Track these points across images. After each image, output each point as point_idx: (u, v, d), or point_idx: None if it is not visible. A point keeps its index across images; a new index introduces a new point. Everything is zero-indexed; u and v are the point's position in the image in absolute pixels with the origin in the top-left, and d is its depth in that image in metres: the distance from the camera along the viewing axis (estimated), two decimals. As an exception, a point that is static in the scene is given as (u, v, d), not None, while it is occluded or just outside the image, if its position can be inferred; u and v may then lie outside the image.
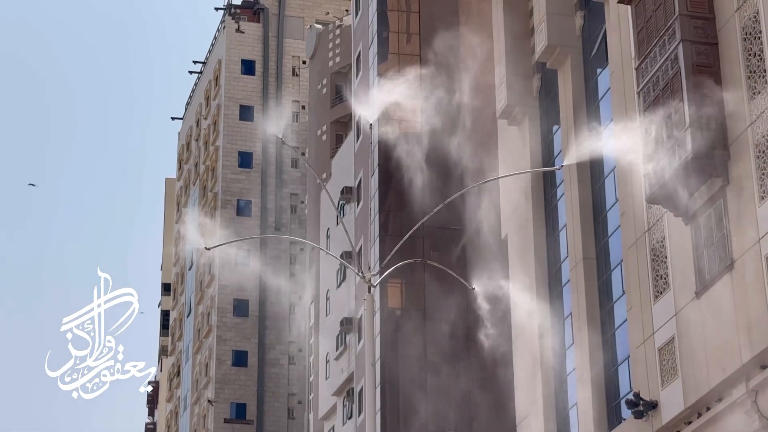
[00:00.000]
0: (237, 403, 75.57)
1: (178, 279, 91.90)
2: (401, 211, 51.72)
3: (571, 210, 39.00)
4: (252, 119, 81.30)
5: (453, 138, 51.46)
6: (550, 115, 41.87)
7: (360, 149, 56.82)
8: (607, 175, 37.91)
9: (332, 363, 57.99)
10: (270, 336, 77.14)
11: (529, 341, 40.37)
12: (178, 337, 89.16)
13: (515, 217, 42.81)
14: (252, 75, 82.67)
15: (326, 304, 60.30)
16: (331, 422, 58.23)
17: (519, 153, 42.78)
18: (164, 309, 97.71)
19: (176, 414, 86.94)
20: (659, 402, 32.46)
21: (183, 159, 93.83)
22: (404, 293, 51.25)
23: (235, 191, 79.80)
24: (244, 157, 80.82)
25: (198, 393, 79.35)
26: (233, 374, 76.20)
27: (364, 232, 53.88)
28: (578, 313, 37.87)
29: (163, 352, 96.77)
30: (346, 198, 57.34)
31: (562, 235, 40.30)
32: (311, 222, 67.76)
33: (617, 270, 36.76)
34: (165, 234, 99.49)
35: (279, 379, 76.43)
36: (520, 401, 41.28)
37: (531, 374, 40.23)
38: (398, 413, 49.47)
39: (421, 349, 50.34)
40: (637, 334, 33.99)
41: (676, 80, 31.00)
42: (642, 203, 33.63)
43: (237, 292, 77.60)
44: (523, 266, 41.43)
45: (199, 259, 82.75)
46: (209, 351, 77.85)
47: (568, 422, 38.68)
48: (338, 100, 68.18)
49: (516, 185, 42.53)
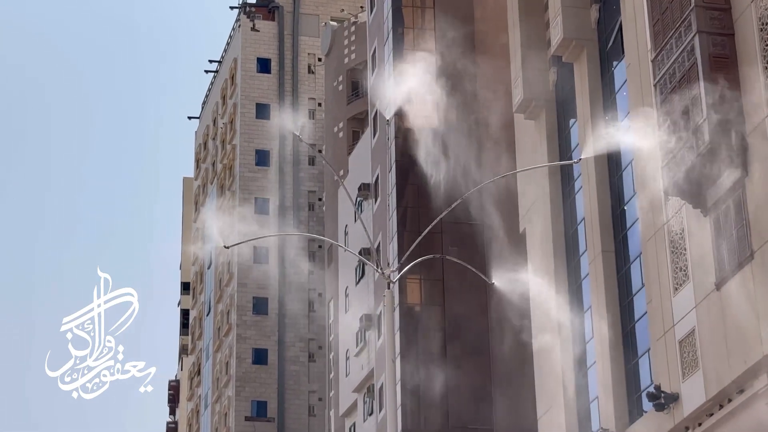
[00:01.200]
0: (258, 401, 75.69)
1: (197, 278, 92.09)
2: (419, 206, 51.72)
3: (589, 203, 38.95)
4: (268, 117, 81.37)
5: (470, 132, 51.45)
6: (567, 109, 41.82)
7: (377, 145, 56.83)
8: (624, 168, 37.85)
9: (352, 360, 58.04)
10: (289, 333, 77.22)
11: (549, 335, 40.34)
12: (198, 335, 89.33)
13: (533, 211, 42.77)
14: (268, 73, 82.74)
15: (345, 301, 60.35)
16: (352, 419, 58.29)
17: (536, 147, 42.75)
18: (184, 308, 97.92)
19: (197, 412, 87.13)
20: (680, 394, 32.41)
21: (200, 158, 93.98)
22: (423, 289, 51.26)
23: (253, 189, 79.89)
24: (261, 155, 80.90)
25: (219, 391, 79.51)
26: (253, 372, 76.32)
27: (382, 228, 53.90)
28: (598, 307, 37.83)
29: (183, 351, 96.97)
30: (363, 194, 57.36)
31: (580, 229, 40.26)
32: (329, 219, 67.81)
33: (636, 263, 36.70)
34: (183, 233, 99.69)
35: (299, 376, 76.53)
36: (541, 395, 41.26)
37: (551, 368, 40.20)
38: (419, 409, 49.50)
39: (441, 344, 50.35)
40: (657, 326, 33.94)
41: (692, 72, 30.93)
42: (660, 195, 33.57)
43: (256, 290, 77.70)
44: (542, 260, 41.39)
45: (217, 258, 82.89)
46: (229, 349, 77.99)
47: (589, 416, 38.64)
48: (354, 96, 68.21)
49: (533, 179, 42.49)
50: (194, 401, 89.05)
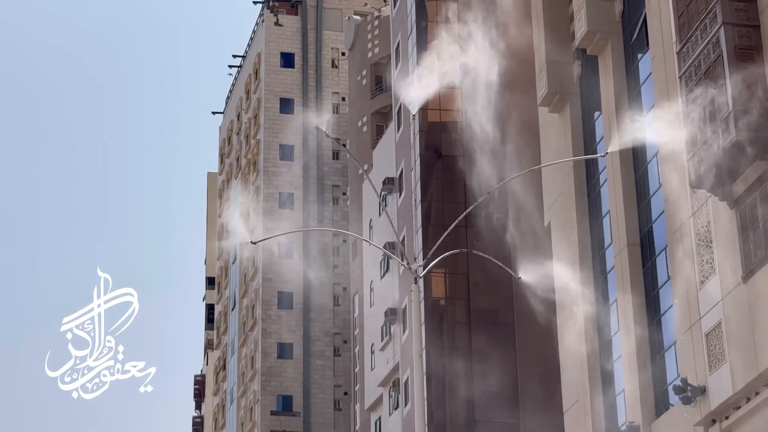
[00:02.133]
0: (283, 396, 75.82)
1: (222, 273, 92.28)
2: (443, 200, 51.72)
3: (615, 196, 38.86)
4: (292, 112, 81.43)
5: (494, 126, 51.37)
6: (592, 102, 41.72)
7: (401, 139, 56.83)
8: (650, 161, 37.74)
9: (377, 354, 58.08)
10: (314, 328, 77.31)
11: (575, 328, 40.27)
12: (224, 330, 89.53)
13: (558, 205, 42.70)
14: (291, 68, 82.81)
15: (370, 295, 60.38)
16: (378, 413, 58.34)
17: (561, 140, 42.66)
18: (209, 303, 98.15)
19: (223, 407, 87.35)
20: (707, 387, 32.32)
21: (224, 153, 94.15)
22: (448, 283, 51.26)
23: (277, 184, 79.98)
24: (285, 150, 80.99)
25: (244, 386, 79.68)
26: (279, 366, 76.44)
27: (407, 222, 53.90)
28: (623, 300, 37.75)
29: (208, 346, 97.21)
30: (388, 188, 57.37)
31: (605, 222, 40.17)
32: (353, 213, 67.85)
33: (662, 256, 36.60)
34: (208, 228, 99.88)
35: (324, 370, 76.61)
36: (567, 389, 41.21)
37: (577, 361, 40.14)
38: (444, 403, 49.51)
39: (466, 338, 50.34)
40: (684, 319, 33.85)
41: (718, 64, 30.81)
42: (686, 188, 33.47)
43: (281, 285, 77.80)
44: (567, 253, 41.31)
45: (242, 253, 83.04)
46: (254, 344, 78.15)
47: (616, 409, 38.57)
48: (378, 90, 68.23)
49: (558, 172, 42.41)
50: (220, 396, 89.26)
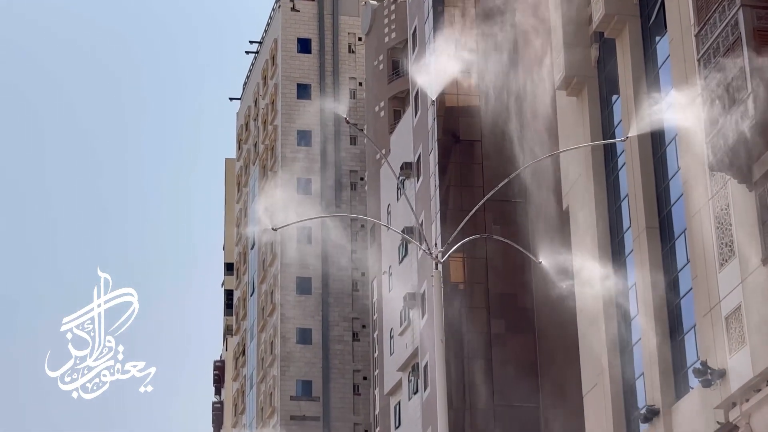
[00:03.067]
0: (303, 381, 75.98)
1: (240, 258, 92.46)
2: (461, 185, 51.70)
3: (633, 179, 38.80)
4: (309, 97, 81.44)
5: (512, 110, 51.31)
6: (609, 85, 41.63)
7: (418, 124, 56.80)
8: (668, 144, 37.66)
9: (396, 338, 58.14)
10: (333, 313, 77.44)
11: (594, 312, 40.27)
12: (242, 316, 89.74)
13: (577, 189, 42.66)
14: (308, 53, 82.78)
15: (389, 280, 60.43)
16: (397, 397, 58.43)
17: (578, 124, 42.60)
18: (227, 288, 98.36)
19: (243, 392, 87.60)
20: (727, 370, 32.30)
21: (242, 139, 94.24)
22: (466, 267, 51.26)
23: (295, 170, 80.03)
24: (302, 136, 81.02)
25: (264, 371, 79.88)
26: (298, 352, 76.60)
27: (425, 207, 53.90)
28: (643, 283, 37.72)
29: (227, 332, 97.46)
30: (405, 173, 57.36)
31: (624, 205, 40.11)
32: (371, 198, 67.87)
33: (681, 239, 36.54)
34: (226, 214, 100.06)
35: (344, 355, 76.74)
36: (587, 372, 41.22)
37: (597, 345, 40.13)
38: (464, 387, 49.57)
39: (485, 322, 50.36)
40: (703, 302, 33.81)
41: (736, 46, 30.72)
42: (705, 171, 33.40)
43: (299, 270, 77.92)
44: (586, 237, 41.29)
45: (261, 239, 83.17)
46: (274, 329, 78.31)
47: (635, 392, 38.57)
48: (395, 75, 68.16)
49: (576, 156, 42.35)
50: (239, 381, 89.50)
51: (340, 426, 74.75)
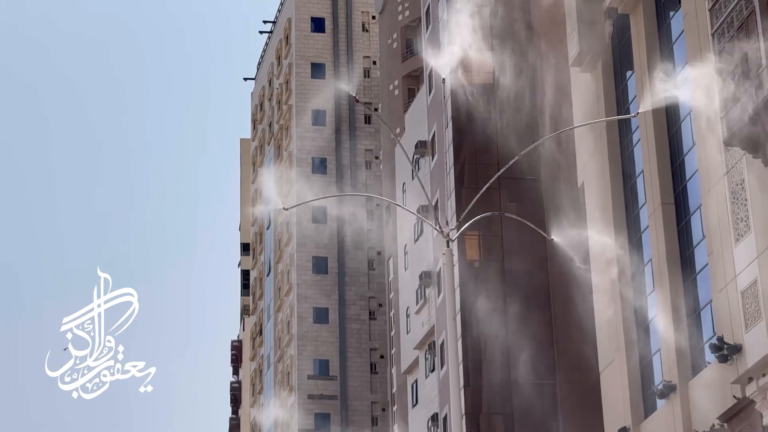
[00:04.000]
0: (320, 360, 76.15)
1: (256, 239, 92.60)
2: (476, 162, 51.63)
3: (648, 155, 38.71)
4: (324, 77, 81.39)
5: (526, 87, 51.20)
6: (624, 61, 41.50)
7: (432, 102, 56.72)
8: (683, 119, 37.55)
9: (413, 317, 58.20)
10: (350, 292, 77.54)
11: (610, 288, 40.24)
12: (259, 296, 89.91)
13: (591, 165, 42.58)
14: (322, 32, 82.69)
15: (404, 259, 60.45)
16: (414, 376, 58.51)
17: (593, 100, 42.49)
18: (244, 269, 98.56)
19: (260, 372, 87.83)
20: (743, 345, 32.26)
21: (257, 119, 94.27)
22: (482, 245, 51.24)
23: (310, 149, 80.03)
24: (317, 115, 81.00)
25: (281, 351, 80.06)
26: (315, 331, 76.76)
27: (440, 185, 53.87)
28: (658, 259, 37.67)
29: (244, 312, 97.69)
30: (420, 152, 57.31)
31: (639, 181, 40.03)
32: (386, 177, 67.84)
33: (696, 214, 36.47)
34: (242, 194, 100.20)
35: (360, 334, 76.88)
36: (603, 349, 41.21)
37: (613, 321, 40.12)
38: (480, 364, 49.61)
39: (501, 300, 50.37)
40: (719, 278, 33.76)
41: (750, 20, 30.57)
42: (720, 146, 33.29)
43: (315, 250, 78.03)
44: (601, 214, 41.23)
45: (276, 218, 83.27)
46: (290, 309, 78.45)
47: (652, 368, 38.56)
48: (409, 54, 68.06)
49: (591, 133, 42.26)
50: (257, 361, 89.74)
51: (358, 404, 74.94)
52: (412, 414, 58.13)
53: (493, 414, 49.26)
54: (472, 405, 48.82)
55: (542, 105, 49.48)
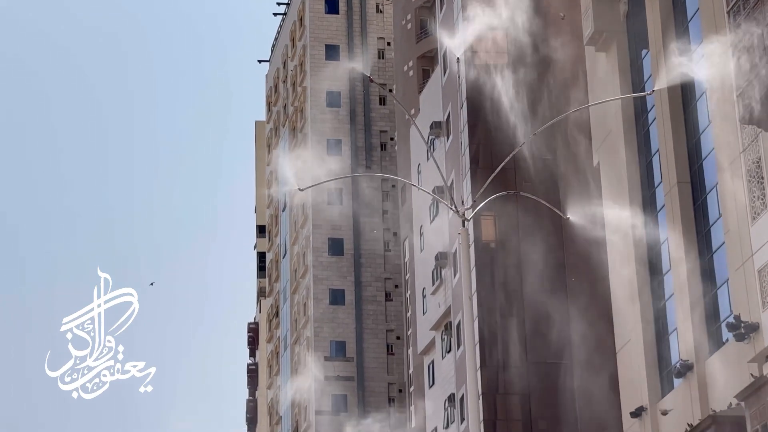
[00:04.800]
0: (336, 341, 76.24)
1: (272, 221, 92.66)
2: (491, 143, 51.54)
3: (664, 134, 38.60)
4: (338, 58, 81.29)
5: (540, 66, 51.06)
6: (639, 40, 41.35)
7: (447, 83, 56.62)
8: (698, 98, 37.42)
9: (429, 298, 58.21)
10: (366, 273, 77.57)
11: (626, 267, 40.18)
12: (275, 278, 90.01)
13: (607, 144, 42.48)
14: (336, 14, 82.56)
15: (420, 240, 60.45)
16: (431, 356, 58.56)
17: (608, 79, 42.36)
18: (260, 251, 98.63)
19: (277, 354, 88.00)
20: (761, 324, 32.20)
21: (271, 101, 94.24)
22: (497, 226, 51.20)
23: (325, 131, 80.00)
24: (331, 97, 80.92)
25: (297, 333, 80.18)
26: (331, 313, 76.83)
27: (455, 165, 53.82)
28: (675, 238, 37.60)
29: (260, 294, 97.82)
30: (435, 132, 57.25)
31: (655, 160, 39.94)
32: (402, 158, 67.79)
33: (713, 193, 36.38)
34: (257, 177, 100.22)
35: (377, 315, 76.92)
36: (620, 328, 41.18)
37: (629, 300, 40.07)
38: (496, 345, 49.62)
39: (517, 280, 50.35)
40: (736, 256, 33.68)
41: (766, -3, 30.43)
42: (736, 124, 33.18)
43: (331, 232, 78.04)
44: (617, 193, 41.15)
45: (292, 200, 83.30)
46: (306, 291, 78.54)
47: (669, 347, 38.53)
48: (423, 35, 67.92)
49: (606, 112, 42.15)
50: (273, 343, 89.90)
51: (374, 386, 75.04)
52: (429, 394, 58.20)
53: (509, 394, 49.30)
54: (488, 385, 48.85)
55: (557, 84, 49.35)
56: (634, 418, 39.28)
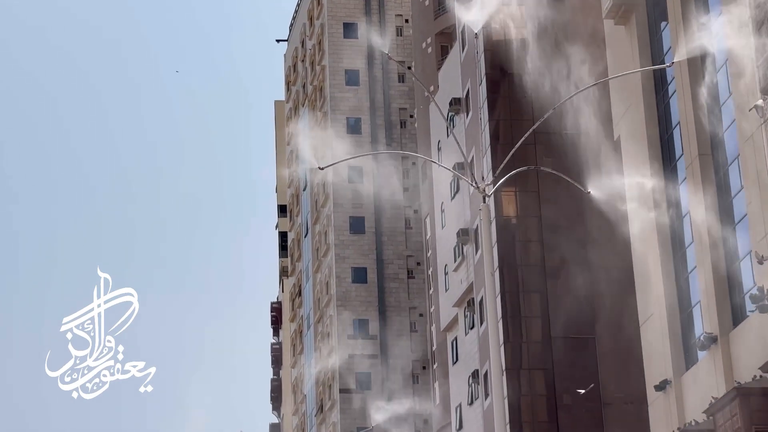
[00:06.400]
0: (359, 320, 76.38)
1: (293, 200, 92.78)
2: (511, 118, 51.43)
3: (684, 106, 38.42)
4: (357, 36, 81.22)
5: (559, 41, 50.86)
6: (658, 12, 41.14)
7: (466, 59, 56.48)
8: (719, 69, 37.21)
9: (451, 275, 58.22)
10: (387, 251, 77.65)
11: (649, 241, 40.08)
12: (297, 257, 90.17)
13: (628, 118, 42.33)
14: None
15: (441, 217, 60.43)
16: (454, 333, 58.61)
17: (628, 52, 42.17)
18: (282, 231, 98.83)
19: (300, 333, 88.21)
20: (784, 295, 32.09)
21: (290, 81, 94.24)
22: (519, 201, 51.12)
23: (344, 109, 79.99)
24: (350, 75, 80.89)
25: (320, 311, 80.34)
26: (354, 291, 76.96)
27: (475, 142, 53.73)
28: (696, 211, 37.46)
29: (283, 273, 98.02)
30: (455, 109, 57.14)
31: (676, 133, 39.77)
32: (422, 135, 67.72)
33: (734, 165, 36.20)
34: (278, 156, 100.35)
35: (399, 293, 77.01)
36: (643, 302, 41.10)
37: (652, 274, 39.98)
38: (519, 320, 49.60)
39: (539, 255, 50.28)
40: (759, 228, 33.55)
41: (786, -34, 30.22)
42: (756, 94, 32.99)
43: (352, 210, 78.13)
44: (638, 166, 41.01)
45: (313, 179, 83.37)
46: (329, 269, 78.66)
47: (692, 320, 38.44)
48: (441, 11, 67.76)
49: (626, 85, 41.98)
50: (297, 322, 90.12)
51: (398, 363, 75.19)
52: (453, 371, 58.27)
53: (533, 369, 49.30)
54: (512, 361, 48.87)
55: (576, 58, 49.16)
56: (659, 391, 39.25)
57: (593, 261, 49.68)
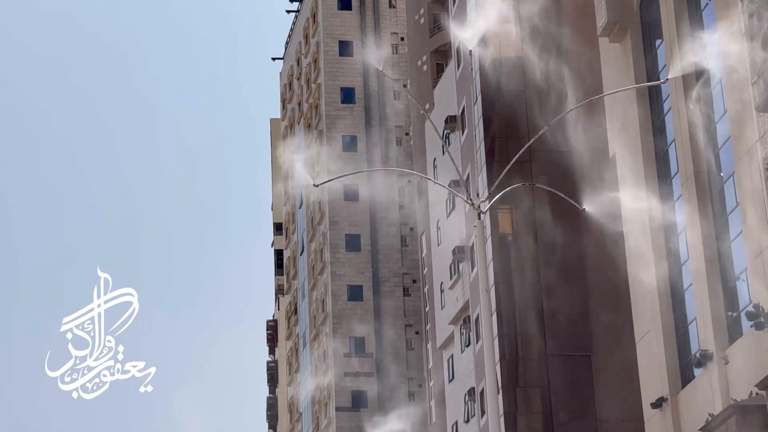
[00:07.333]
0: (355, 338, 76.30)
1: (289, 218, 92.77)
2: (506, 136, 51.46)
3: (679, 124, 38.45)
4: (352, 54, 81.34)
5: (555, 59, 50.94)
6: (653, 29, 41.20)
7: (461, 77, 56.55)
8: (714, 86, 37.26)
9: (447, 292, 58.18)
10: (383, 269, 77.62)
11: (644, 258, 40.07)
12: (293, 275, 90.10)
13: (622, 135, 42.35)
14: (349, 10, 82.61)
15: (437, 234, 60.41)
16: (450, 351, 58.52)
17: (622, 70, 42.22)
18: (277, 248, 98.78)
19: (296, 351, 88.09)
20: (780, 312, 32.06)
21: (286, 98, 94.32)
22: (514, 218, 51.12)
23: (340, 127, 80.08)
24: (346, 93, 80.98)
25: (316, 329, 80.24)
26: (350, 309, 76.90)
27: (471, 159, 53.75)
28: (692, 228, 37.46)
29: (279, 291, 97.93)
30: (450, 127, 57.18)
31: (671, 150, 39.80)
32: (417, 153, 67.75)
33: (730, 182, 36.22)
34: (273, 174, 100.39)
35: (395, 311, 76.95)
36: (638, 319, 41.07)
37: (648, 291, 39.95)
38: (515, 338, 49.55)
39: (535, 273, 50.25)
40: (754, 245, 33.54)
41: (780, -17, 30.29)
42: (752, 112, 33.03)
43: (348, 228, 78.13)
44: (634, 183, 41.01)
45: (308, 197, 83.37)
46: (324, 287, 78.59)
47: (688, 337, 38.40)
48: (436, 29, 67.87)
49: (622, 102, 42.02)
50: (292, 340, 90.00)
51: (394, 381, 75.08)
52: (449, 389, 58.17)
53: (529, 387, 49.23)
54: (508, 379, 48.79)
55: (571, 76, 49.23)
56: (655, 408, 39.18)
57: (589, 278, 49.67)
